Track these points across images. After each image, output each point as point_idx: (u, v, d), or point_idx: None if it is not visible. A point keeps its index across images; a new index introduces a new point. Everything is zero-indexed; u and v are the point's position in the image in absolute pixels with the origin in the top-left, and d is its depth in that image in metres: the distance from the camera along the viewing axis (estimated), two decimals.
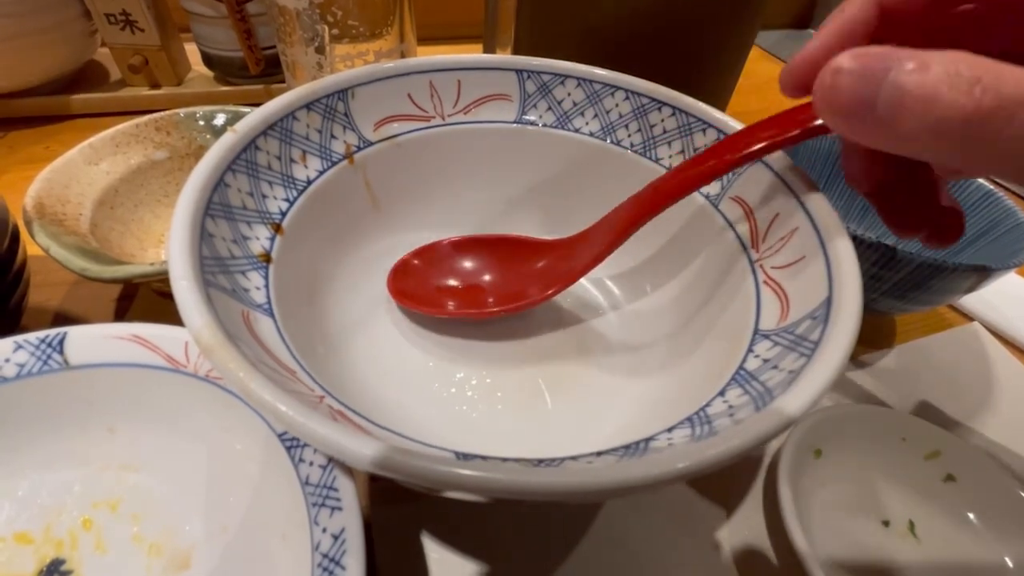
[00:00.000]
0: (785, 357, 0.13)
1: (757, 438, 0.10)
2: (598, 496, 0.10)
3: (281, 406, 0.10)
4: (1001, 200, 0.25)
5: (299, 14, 0.26)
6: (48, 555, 0.15)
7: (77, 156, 0.24)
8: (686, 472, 0.10)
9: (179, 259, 0.12)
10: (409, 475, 0.09)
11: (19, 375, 0.15)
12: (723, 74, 0.29)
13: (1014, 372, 0.26)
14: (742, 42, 0.29)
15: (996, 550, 0.18)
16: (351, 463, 0.09)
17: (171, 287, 0.11)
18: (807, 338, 0.13)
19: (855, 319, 0.13)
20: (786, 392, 0.11)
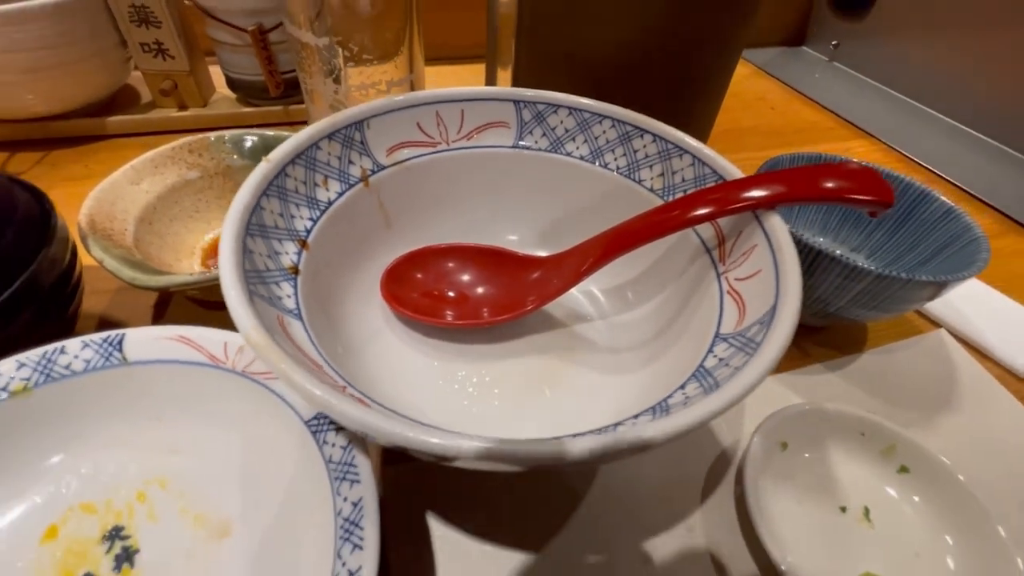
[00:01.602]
0: (735, 356, 0.15)
1: (699, 419, 0.12)
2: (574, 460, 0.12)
3: (317, 391, 0.12)
4: (961, 216, 0.27)
5: (319, 49, 0.28)
6: (110, 522, 0.17)
7: (121, 177, 0.27)
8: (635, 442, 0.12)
9: (228, 273, 0.15)
10: (425, 447, 0.12)
11: (86, 369, 0.18)
12: (707, 99, 0.32)
13: (975, 376, 0.28)
14: (724, 70, 0.31)
15: (939, 530, 0.20)
16: (378, 437, 0.12)
17: (223, 295, 0.14)
18: (754, 340, 0.15)
19: (791, 326, 0.15)
20: (727, 383, 0.13)
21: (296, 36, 0.28)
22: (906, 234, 0.30)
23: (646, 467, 0.22)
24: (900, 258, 0.30)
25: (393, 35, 0.29)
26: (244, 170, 0.31)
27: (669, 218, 0.21)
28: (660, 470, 0.22)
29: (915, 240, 0.29)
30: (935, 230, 0.28)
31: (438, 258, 0.25)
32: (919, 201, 0.29)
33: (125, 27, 0.37)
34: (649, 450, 0.13)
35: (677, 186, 0.23)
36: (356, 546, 0.14)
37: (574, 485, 0.22)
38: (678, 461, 0.23)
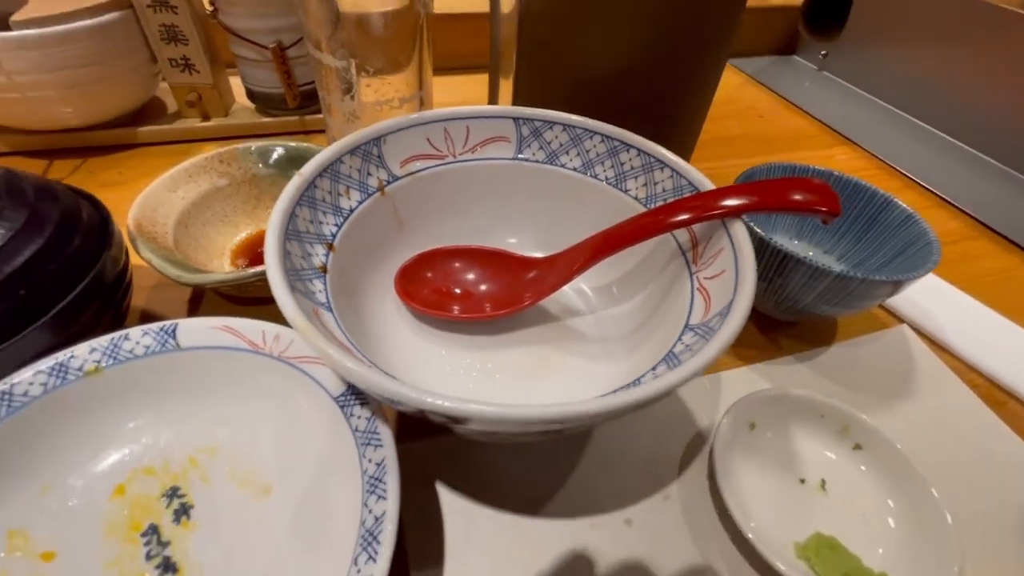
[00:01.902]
0: (698, 343, 0.18)
1: (662, 389, 0.15)
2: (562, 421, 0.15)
3: (354, 366, 0.15)
4: (919, 222, 0.30)
5: (337, 70, 0.31)
6: (167, 483, 0.20)
7: (160, 185, 0.30)
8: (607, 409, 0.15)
9: (274, 271, 0.18)
10: (445, 411, 0.14)
11: (145, 353, 0.21)
12: (690, 112, 0.35)
13: (932, 367, 0.30)
14: (704, 87, 0.34)
15: (883, 496, 0.23)
16: (404, 403, 0.15)
17: (272, 290, 0.17)
18: (714, 329, 0.18)
19: (743, 317, 0.18)
20: (687, 362, 0.16)
21: (318, 58, 0.31)
22: (872, 238, 0.32)
23: (630, 444, 0.25)
24: (866, 259, 0.32)
25: (404, 54, 0.32)
26: (268, 178, 0.34)
27: (651, 224, 0.24)
28: (643, 446, 0.25)
29: (879, 243, 0.32)
30: (896, 234, 0.31)
31: (446, 258, 0.28)
32: (883, 208, 0.32)
33: (156, 45, 0.40)
34: (620, 415, 0.16)
35: (658, 195, 0.26)
36: (380, 496, 0.17)
37: (566, 457, 0.25)
38: (659, 439, 0.26)
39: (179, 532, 0.19)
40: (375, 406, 0.19)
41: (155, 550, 0.19)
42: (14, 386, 0.19)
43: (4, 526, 0.18)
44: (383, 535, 0.16)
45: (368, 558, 0.16)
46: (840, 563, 0.21)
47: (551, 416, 0.15)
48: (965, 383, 0.30)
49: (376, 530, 0.16)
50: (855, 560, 0.21)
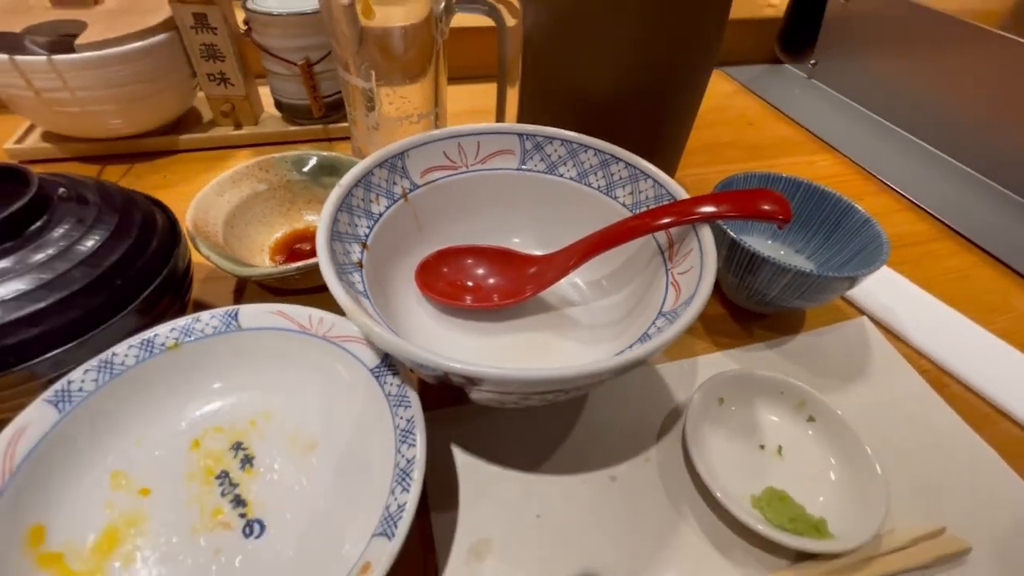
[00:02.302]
0: (666, 325, 0.23)
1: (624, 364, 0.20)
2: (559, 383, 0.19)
3: (393, 339, 0.19)
4: (875, 226, 0.34)
5: (363, 90, 0.36)
6: (233, 439, 0.25)
7: (210, 190, 0.35)
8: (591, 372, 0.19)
9: (326, 266, 0.22)
10: (466, 373, 0.19)
11: (214, 333, 0.25)
12: (676, 126, 0.39)
13: (886, 354, 0.35)
14: (688, 105, 0.38)
15: (827, 457, 0.27)
16: (433, 368, 0.19)
17: (325, 282, 0.21)
18: (679, 314, 0.22)
19: (700, 307, 0.22)
20: (653, 340, 0.20)
21: (346, 79, 0.36)
22: (836, 238, 0.36)
23: (617, 415, 0.30)
24: (831, 258, 0.37)
25: (421, 66, 0.36)
26: (300, 184, 0.38)
27: (636, 227, 0.28)
28: (628, 417, 0.30)
29: (842, 243, 0.36)
30: (856, 236, 0.35)
31: (459, 255, 0.32)
32: (845, 213, 0.36)
33: (196, 61, 0.45)
34: (602, 378, 0.20)
35: (642, 202, 0.30)
36: (410, 444, 0.21)
37: (562, 425, 0.29)
38: (642, 411, 0.30)
39: (245, 477, 0.24)
40: (404, 375, 0.24)
41: (227, 490, 0.23)
42: (114, 356, 0.23)
43: (110, 469, 0.23)
44: (414, 473, 0.20)
45: (403, 490, 0.20)
46: (787, 510, 0.25)
47: (547, 377, 0.19)
48: (914, 368, 0.34)
49: (408, 469, 0.21)
50: (800, 508, 0.25)
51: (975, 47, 0.51)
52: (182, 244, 0.28)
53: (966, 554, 0.25)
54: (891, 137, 0.59)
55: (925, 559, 0.24)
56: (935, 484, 0.28)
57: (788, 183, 0.38)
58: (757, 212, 0.26)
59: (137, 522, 0.22)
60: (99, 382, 0.23)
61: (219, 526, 0.22)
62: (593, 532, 0.25)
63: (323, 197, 0.38)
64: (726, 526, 0.26)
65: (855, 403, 0.31)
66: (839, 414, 0.28)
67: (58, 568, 0.20)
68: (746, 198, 0.27)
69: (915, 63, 0.58)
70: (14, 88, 0.39)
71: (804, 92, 0.69)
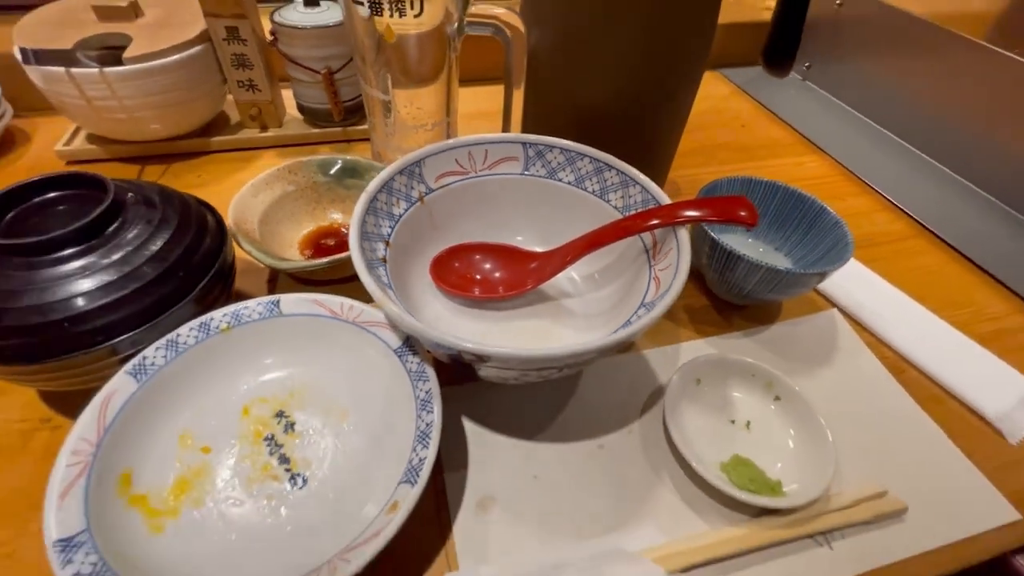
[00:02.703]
0: (645, 315, 0.26)
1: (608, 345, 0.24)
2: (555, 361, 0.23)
3: (415, 323, 0.24)
4: (843, 226, 0.38)
5: (382, 101, 0.40)
6: (276, 408, 0.29)
7: (247, 192, 0.39)
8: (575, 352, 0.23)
9: (358, 263, 0.26)
10: (476, 351, 0.23)
11: (259, 318, 0.30)
12: (665, 135, 0.42)
13: (851, 342, 0.38)
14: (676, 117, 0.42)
15: (787, 430, 0.31)
16: (448, 347, 0.23)
17: (358, 275, 0.25)
18: (655, 305, 0.26)
19: (672, 299, 0.26)
20: (632, 326, 0.24)
21: (367, 92, 0.40)
22: (811, 237, 0.40)
23: (606, 393, 0.34)
24: (806, 255, 0.40)
25: (434, 71, 0.39)
26: (325, 185, 0.42)
27: (626, 227, 0.32)
28: (616, 394, 0.34)
29: (816, 242, 0.40)
30: (828, 235, 0.39)
31: (468, 252, 0.37)
32: (819, 214, 0.39)
33: (228, 70, 0.49)
34: (589, 358, 0.24)
35: (631, 205, 0.34)
36: (428, 411, 0.25)
37: (558, 401, 0.33)
38: (628, 390, 0.34)
39: (288, 439, 0.28)
40: (422, 355, 0.28)
41: (273, 450, 0.28)
42: (178, 337, 0.28)
43: (177, 431, 0.27)
44: (432, 434, 0.25)
45: (423, 447, 0.24)
46: (749, 474, 0.29)
47: (542, 355, 0.23)
48: (876, 355, 0.38)
49: (427, 431, 0.25)
50: (760, 472, 0.29)
51: (957, 55, 0.54)
52: (228, 241, 0.33)
53: (903, 513, 0.29)
54: (877, 139, 0.63)
55: (866, 516, 0.28)
56: (882, 454, 0.32)
57: (768, 187, 0.41)
58: (730, 217, 0.30)
59: (202, 474, 0.26)
60: (167, 358, 0.27)
61: (269, 478, 0.27)
62: (583, 491, 0.29)
63: (345, 197, 0.42)
64: (697, 487, 0.30)
65: (819, 385, 0.35)
66: (800, 393, 0.32)
67: (143, 507, 0.24)
68: (722, 204, 0.31)
69: (901, 67, 0.61)
70: (68, 96, 0.43)
71: (798, 93, 0.72)
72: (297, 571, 0.22)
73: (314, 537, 0.24)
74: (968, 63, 0.53)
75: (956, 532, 0.29)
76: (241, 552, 0.24)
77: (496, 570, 0.26)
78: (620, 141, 0.36)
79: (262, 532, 0.25)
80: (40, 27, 0.44)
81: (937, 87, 0.57)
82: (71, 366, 0.26)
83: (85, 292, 0.26)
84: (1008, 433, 0.34)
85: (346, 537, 0.23)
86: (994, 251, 0.47)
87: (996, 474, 0.31)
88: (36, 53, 0.39)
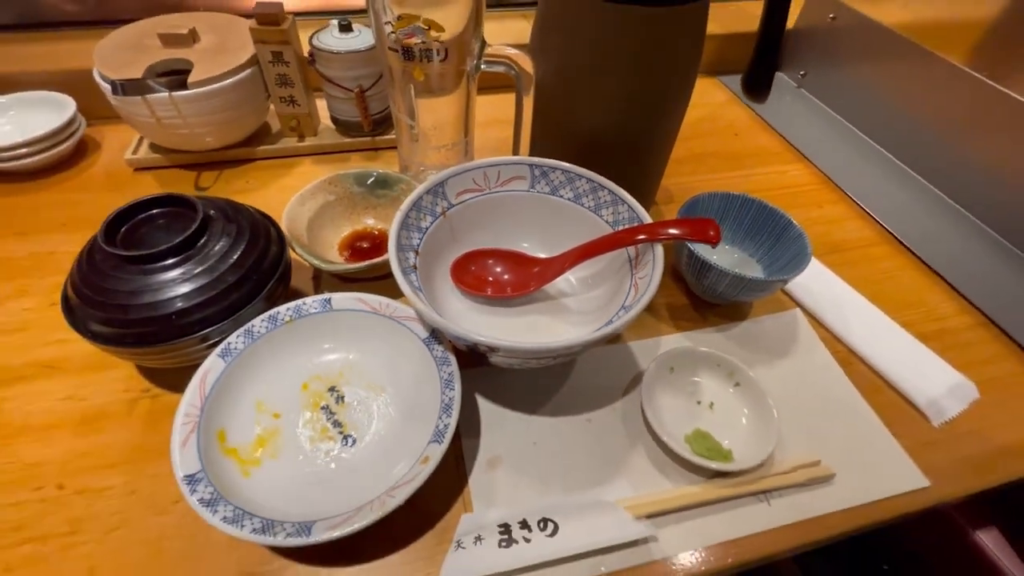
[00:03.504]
0: (624, 315, 0.33)
1: (596, 339, 0.30)
2: (552, 351, 0.30)
3: (440, 319, 0.31)
4: (804, 238, 0.44)
5: (408, 124, 0.46)
6: (328, 384, 0.36)
7: (295, 202, 0.46)
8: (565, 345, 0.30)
9: (396, 271, 0.33)
10: (487, 343, 0.30)
11: (315, 312, 0.37)
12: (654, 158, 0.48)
13: (808, 337, 0.45)
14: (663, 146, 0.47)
15: (742, 409, 0.38)
16: (465, 339, 0.30)
17: (395, 279, 0.32)
18: (632, 307, 0.33)
19: (645, 303, 0.32)
20: (612, 324, 0.31)
21: (397, 116, 0.46)
22: (779, 246, 0.46)
23: (594, 377, 0.41)
24: (775, 262, 0.46)
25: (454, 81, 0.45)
26: (360, 195, 0.49)
27: (616, 240, 0.38)
28: (603, 379, 0.41)
29: (783, 250, 0.46)
30: (793, 245, 0.45)
31: (482, 257, 0.43)
32: (786, 227, 0.45)
33: (272, 88, 0.55)
34: (578, 349, 0.31)
35: (620, 221, 0.40)
36: (451, 389, 0.33)
37: (555, 384, 0.40)
38: (613, 375, 0.41)
39: (340, 408, 0.35)
40: (446, 344, 0.35)
41: (328, 416, 0.35)
42: (253, 327, 0.35)
43: (254, 399, 0.35)
44: (454, 406, 0.32)
45: (447, 416, 0.32)
46: (706, 444, 0.36)
47: (540, 347, 0.30)
48: (829, 350, 0.44)
49: (450, 404, 0.32)
50: (716, 442, 0.36)
51: (933, 73, 0.59)
52: (286, 247, 0.40)
53: (831, 479, 0.36)
54: (859, 147, 0.68)
55: (801, 480, 0.35)
56: (822, 432, 0.38)
57: (744, 201, 0.47)
58: (700, 236, 0.36)
59: (275, 434, 0.34)
60: (245, 343, 0.35)
61: (326, 438, 0.34)
62: (572, 455, 0.37)
63: (376, 204, 0.49)
64: (665, 454, 0.37)
65: (776, 374, 0.42)
66: (757, 380, 0.38)
67: (235, 457, 0.32)
68: (694, 225, 0.37)
69: (884, 80, 0.65)
70: (140, 115, 0.50)
71: (793, 101, 0.77)
72: (351, 504, 0.29)
73: (363, 481, 0.32)
74: (942, 80, 0.58)
75: (873, 494, 0.35)
76: (309, 491, 0.31)
77: (502, 513, 0.33)
78: (613, 162, 0.43)
79: (323, 477, 0.32)
80: (115, 52, 0.51)
81: (914, 100, 0.62)
82: (174, 349, 0.34)
83: (184, 294, 0.33)
84: (933, 417, 0.40)
85: (388, 482, 0.30)
86: (947, 254, 0.53)
87: (916, 450, 0.38)
88: (123, 85, 0.46)
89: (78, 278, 0.33)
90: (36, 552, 0.31)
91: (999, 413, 0.41)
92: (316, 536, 0.27)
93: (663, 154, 0.49)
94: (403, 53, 0.39)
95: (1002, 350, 0.45)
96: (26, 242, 0.48)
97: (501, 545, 0.31)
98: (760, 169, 0.64)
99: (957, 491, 0.36)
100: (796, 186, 0.62)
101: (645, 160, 0.47)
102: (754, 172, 0.64)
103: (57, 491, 0.33)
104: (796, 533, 0.34)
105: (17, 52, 0.62)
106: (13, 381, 0.38)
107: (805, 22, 0.76)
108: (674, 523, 0.34)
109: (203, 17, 0.56)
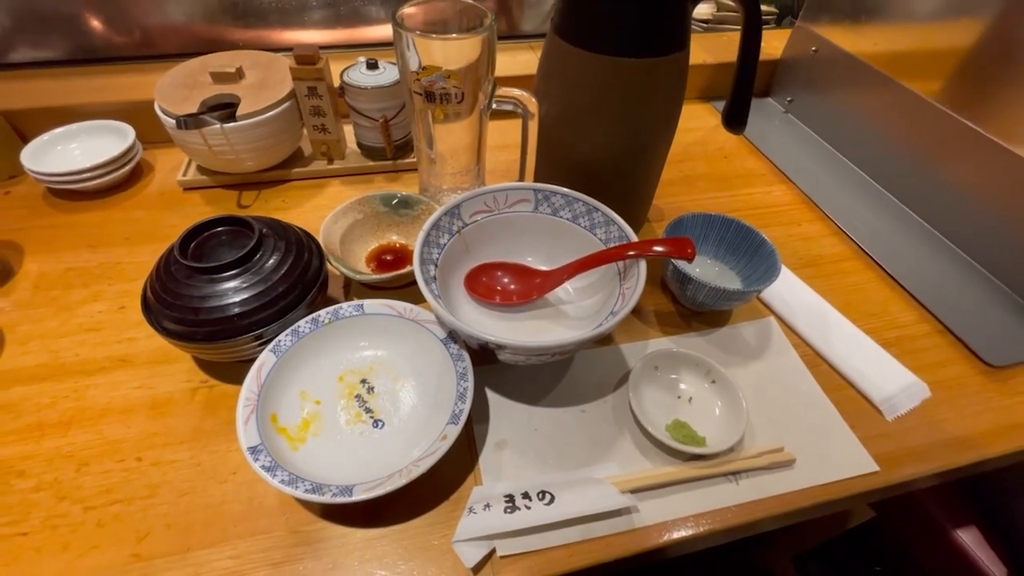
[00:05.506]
0: (610, 319, 0.39)
1: (587, 339, 0.37)
2: (550, 349, 0.36)
3: (456, 321, 0.37)
4: (775, 255, 0.50)
5: (428, 153, 0.53)
6: (361, 376, 0.43)
7: (330, 220, 0.53)
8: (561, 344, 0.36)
9: (421, 283, 0.39)
10: (496, 342, 0.36)
11: (350, 315, 0.43)
12: (645, 183, 0.55)
13: (779, 342, 0.50)
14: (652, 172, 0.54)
15: (716, 402, 0.44)
16: (477, 338, 0.36)
17: (420, 287, 0.39)
18: (618, 313, 0.39)
19: (629, 310, 0.38)
20: (599, 328, 0.37)
21: (419, 147, 0.53)
22: (755, 261, 0.52)
23: (589, 374, 0.47)
24: (751, 274, 0.52)
25: (469, 107, 0.52)
26: (385, 214, 0.56)
27: (608, 256, 0.45)
28: (596, 375, 0.47)
29: (757, 264, 0.52)
30: (765, 261, 0.51)
31: (492, 269, 0.50)
32: (760, 244, 0.51)
33: (306, 117, 0.63)
34: (574, 347, 0.37)
35: (611, 239, 0.47)
36: (465, 380, 0.39)
37: (554, 378, 0.46)
38: (606, 373, 0.47)
39: (371, 397, 0.42)
40: (460, 343, 0.41)
41: (361, 403, 0.41)
42: (299, 328, 0.42)
43: (299, 389, 0.41)
44: (467, 395, 0.38)
45: (461, 402, 0.38)
46: (684, 432, 0.42)
47: (541, 345, 0.36)
48: (798, 352, 0.50)
49: (464, 393, 0.38)
50: (692, 430, 0.42)
51: (904, 103, 0.65)
52: (324, 261, 0.46)
53: (792, 463, 0.42)
54: (839, 169, 0.73)
55: (765, 464, 0.41)
56: (786, 424, 0.44)
57: (723, 222, 0.53)
58: (679, 253, 0.42)
59: (317, 417, 0.40)
60: (292, 341, 0.41)
61: (360, 422, 0.40)
62: (568, 440, 0.43)
63: (399, 222, 0.56)
64: (648, 440, 0.43)
65: (748, 373, 0.48)
66: (730, 378, 0.44)
67: (286, 435, 0.38)
68: (675, 244, 0.43)
69: (861, 108, 0.71)
70: (195, 144, 0.57)
71: (781, 125, 0.83)
72: (381, 475, 0.36)
73: (390, 457, 0.38)
74: (910, 110, 0.64)
75: (828, 476, 0.41)
76: (346, 464, 0.38)
77: (507, 486, 0.39)
78: (607, 187, 0.49)
79: (358, 452, 0.38)
80: (173, 89, 0.59)
81: (887, 126, 0.68)
82: (234, 345, 0.40)
83: (242, 300, 0.40)
84: (886, 412, 0.46)
85: (411, 458, 0.37)
86: (912, 268, 0.58)
87: (869, 440, 0.43)
88: (186, 121, 0.53)
89: (156, 284, 0.40)
90: (123, 511, 0.37)
91: (946, 410, 0.46)
92: (357, 496, 0.33)
93: (651, 180, 0.55)
94: (426, 96, 0.45)
95: (955, 355, 0.51)
96: (96, 253, 0.56)
97: (506, 511, 0.37)
98: (746, 190, 0.70)
99: (901, 476, 0.42)
100: (779, 205, 0.68)
101: (634, 186, 0.54)
102: (740, 192, 0.70)
103: (136, 462, 0.40)
104: (759, 508, 0.39)
105: (80, 85, 0.70)
106: (95, 372, 0.45)
107: (790, 53, 0.83)
108: (654, 497, 0.39)
109: (248, 56, 0.63)
